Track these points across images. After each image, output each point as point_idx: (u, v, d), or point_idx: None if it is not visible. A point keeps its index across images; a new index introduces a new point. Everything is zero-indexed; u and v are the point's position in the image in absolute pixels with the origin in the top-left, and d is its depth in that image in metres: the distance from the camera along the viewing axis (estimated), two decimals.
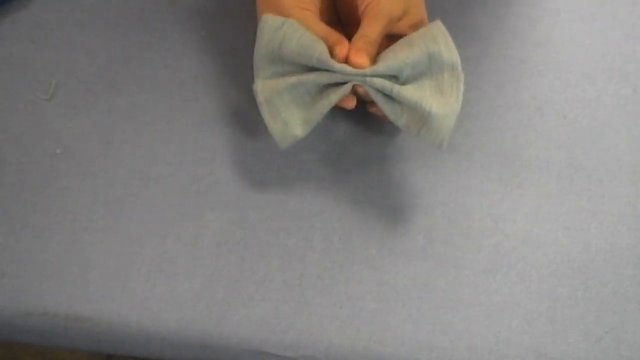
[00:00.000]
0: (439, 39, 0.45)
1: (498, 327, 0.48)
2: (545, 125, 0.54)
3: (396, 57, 0.45)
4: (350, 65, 0.45)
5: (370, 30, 0.46)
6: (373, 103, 0.46)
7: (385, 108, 0.46)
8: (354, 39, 0.46)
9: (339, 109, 0.51)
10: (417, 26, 0.48)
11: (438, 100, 0.45)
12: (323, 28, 0.47)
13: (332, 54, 0.46)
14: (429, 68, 0.46)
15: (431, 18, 0.49)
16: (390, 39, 0.49)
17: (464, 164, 0.53)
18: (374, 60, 0.46)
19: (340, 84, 0.46)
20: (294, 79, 0.46)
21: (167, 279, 0.49)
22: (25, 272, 0.49)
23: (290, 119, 0.47)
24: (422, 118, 0.45)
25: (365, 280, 0.49)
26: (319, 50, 0.45)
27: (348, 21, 0.52)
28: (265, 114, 0.48)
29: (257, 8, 0.50)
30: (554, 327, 0.48)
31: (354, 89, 0.46)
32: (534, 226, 0.51)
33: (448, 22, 0.46)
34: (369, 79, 0.45)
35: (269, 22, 0.46)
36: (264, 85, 0.47)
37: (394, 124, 0.46)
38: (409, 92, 0.44)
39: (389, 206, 0.51)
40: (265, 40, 0.47)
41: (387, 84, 0.45)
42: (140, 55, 0.56)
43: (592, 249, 0.51)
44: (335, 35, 0.46)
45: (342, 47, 0.45)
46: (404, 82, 0.46)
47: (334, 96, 0.46)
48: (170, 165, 0.52)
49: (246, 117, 0.54)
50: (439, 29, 0.46)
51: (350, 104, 0.47)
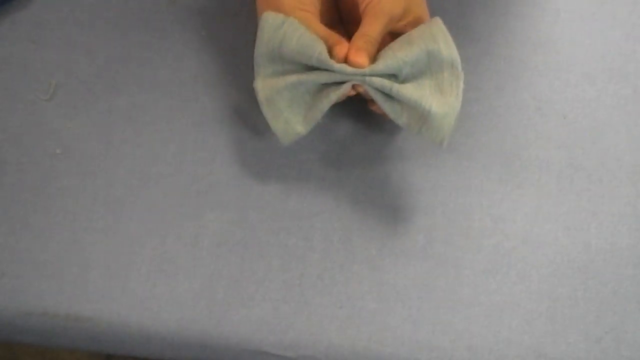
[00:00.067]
0: (438, 37, 0.45)
1: (498, 327, 0.48)
2: (545, 125, 0.54)
3: (395, 56, 0.45)
4: (350, 64, 0.45)
5: (371, 29, 0.46)
6: (374, 101, 0.46)
7: (385, 107, 0.46)
8: (354, 38, 0.46)
9: (339, 108, 0.51)
10: (418, 25, 0.48)
11: (438, 99, 0.45)
12: (322, 29, 0.47)
13: (332, 54, 0.46)
14: (429, 66, 0.46)
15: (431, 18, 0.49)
16: (392, 36, 0.49)
17: (464, 164, 0.53)
18: (374, 58, 0.46)
19: (340, 83, 0.46)
20: (294, 78, 0.46)
21: (167, 279, 0.49)
22: (25, 272, 0.49)
23: (291, 118, 0.48)
24: (422, 117, 0.45)
25: (365, 280, 0.49)
26: (319, 50, 0.45)
27: (349, 20, 0.52)
28: (267, 112, 0.48)
29: (257, 9, 0.50)
30: (554, 327, 0.48)
31: (354, 87, 0.46)
32: (534, 226, 0.51)
33: (448, 22, 0.46)
34: (368, 79, 0.45)
35: (269, 21, 0.46)
36: (264, 83, 0.48)
37: (395, 122, 0.46)
38: (408, 91, 0.44)
39: (389, 206, 0.51)
40: (266, 39, 0.47)
41: (387, 83, 0.44)
42: (140, 55, 0.56)
43: (592, 249, 0.51)
44: (334, 36, 0.47)
45: (342, 47, 0.45)
46: (404, 81, 0.46)
47: (334, 95, 0.46)
48: (170, 165, 0.52)
49: (246, 117, 0.54)
50: (438, 27, 0.46)
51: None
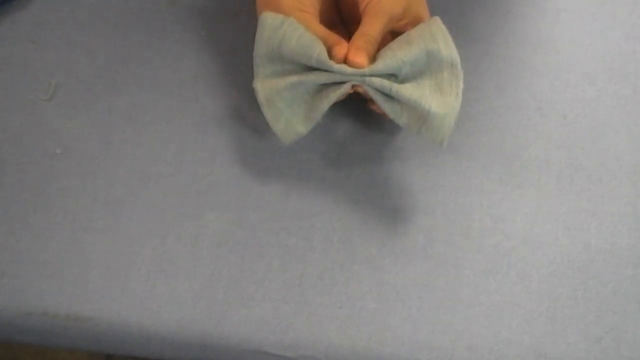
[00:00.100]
0: (437, 37, 0.45)
1: (498, 327, 0.48)
2: (545, 125, 0.54)
3: (395, 56, 0.45)
4: (349, 63, 0.45)
5: (371, 28, 0.46)
6: (374, 101, 0.46)
7: (385, 107, 0.46)
8: (354, 37, 0.46)
9: (339, 108, 0.51)
10: (418, 24, 0.48)
11: (437, 99, 0.45)
12: (322, 30, 0.47)
13: (331, 55, 0.46)
14: (428, 66, 0.46)
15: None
16: (392, 35, 0.49)
17: (464, 164, 0.53)
18: (374, 57, 0.46)
19: (340, 83, 0.46)
20: (294, 78, 0.46)
21: (167, 279, 0.49)
22: (25, 272, 0.49)
23: (292, 118, 0.48)
24: (422, 117, 0.45)
25: (365, 280, 0.49)
26: (318, 51, 0.45)
27: (350, 20, 0.52)
28: (267, 113, 0.48)
29: (257, 9, 0.50)
30: (554, 327, 0.48)
31: (353, 86, 0.46)
32: (534, 226, 0.51)
33: (448, 22, 0.46)
34: (368, 79, 0.45)
35: (268, 21, 0.46)
36: (264, 84, 0.48)
37: (395, 122, 0.46)
38: (408, 91, 0.44)
39: (389, 206, 0.51)
40: (265, 39, 0.47)
41: (386, 84, 0.44)
42: (140, 55, 0.56)
43: (592, 249, 0.51)
44: (333, 36, 0.46)
45: (341, 48, 0.45)
46: (403, 80, 0.46)
47: (334, 96, 0.46)
48: (170, 165, 0.52)
49: (246, 117, 0.54)
50: (437, 26, 0.46)
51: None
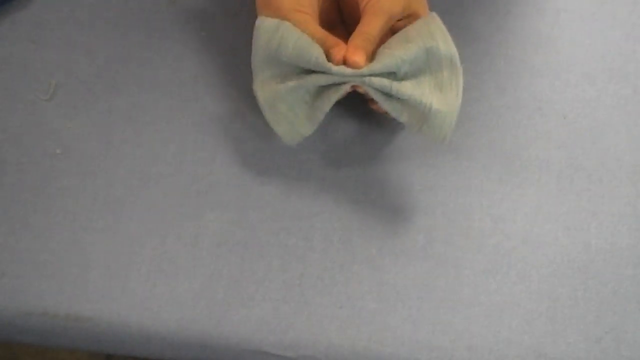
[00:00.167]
0: (436, 35, 0.45)
1: (498, 327, 0.48)
2: (545, 125, 0.54)
3: (393, 54, 0.45)
4: (347, 62, 0.45)
5: (370, 27, 0.46)
6: (374, 100, 0.46)
7: (386, 106, 0.46)
8: (353, 36, 0.46)
9: (339, 108, 0.51)
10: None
11: (438, 97, 0.45)
12: (320, 31, 0.47)
13: (329, 57, 0.45)
14: (428, 64, 0.46)
15: None
16: (393, 33, 0.49)
17: (464, 164, 0.53)
18: (372, 56, 0.46)
19: (340, 84, 0.46)
20: (294, 82, 0.46)
21: (167, 279, 0.49)
22: (25, 272, 0.49)
23: (294, 120, 0.48)
24: (423, 115, 0.45)
25: (365, 280, 0.49)
26: (316, 54, 0.45)
27: (350, 20, 0.52)
28: (269, 116, 0.48)
29: (257, 10, 0.50)
30: (554, 327, 0.48)
31: (354, 87, 0.46)
32: (534, 226, 0.51)
33: (448, 22, 0.46)
34: (367, 79, 0.45)
35: (264, 26, 0.47)
36: (264, 88, 0.48)
37: (395, 122, 0.46)
38: (408, 89, 0.44)
39: (389, 206, 0.51)
40: (263, 44, 0.47)
41: (386, 82, 0.44)
42: (140, 55, 0.56)
43: (592, 249, 0.51)
44: (331, 38, 0.46)
45: (339, 50, 0.45)
46: (403, 78, 0.46)
47: (334, 96, 0.46)
48: (170, 165, 0.52)
49: (246, 117, 0.54)
50: (435, 23, 0.46)
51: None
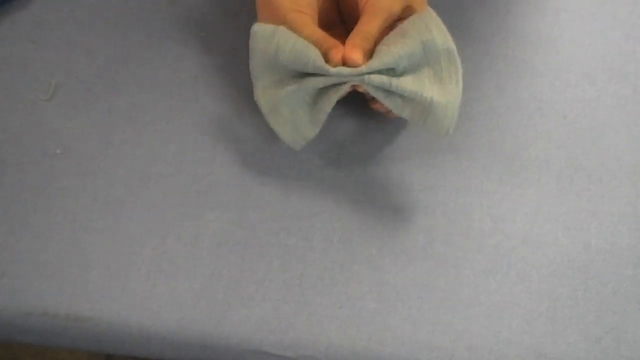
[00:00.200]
0: (431, 27, 0.45)
1: (498, 327, 0.48)
2: (545, 125, 0.54)
3: (390, 51, 0.45)
4: (345, 60, 0.45)
5: (369, 26, 0.46)
6: (375, 99, 0.46)
7: (387, 103, 0.46)
8: (351, 35, 0.46)
9: (339, 108, 0.51)
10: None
11: (438, 88, 0.45)
12: (318, 32, 0.47)
13: (327, 59, 0.45)
14: (425, 57, 0.46)
15: None
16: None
17: (464, 164, 0.53)
18: (371, 54, 0.46)
19: (339, 84, 0.46)
20: (293, 86, 0.46)
21: (167, 279, 0.49)
22: (25, 272, 0.49)
23: (298, 123, 0.48)
24: (425, 108, 0.45)
25: (365, 280, 0.49)
26: (313, 57, 0.45)
27: (350, 20, 0.52)
28: (272, 122, 0.48)
29: (257, 10, 0.50)
30: (554, 327, 0.48)
31: (354, 86, 0.46)
32: (534, 226, 0.51)
33: (448, 22, 0.46)
34: (366, 77, 0.45)
35: (260, 33, 0.47)
36: (264, 94, 0.48)
37: (395, 122, 0.46)
38: (408, 84, 0.44)
39: (389, 206, 0.51)
40: (260, 51, 0.47)
41: (385, 79, 0.44)
42: (140, 55, 0.56)
43: (592, 249, 0.51)
44: (329, 39, 0.46)
45: (337, 51, 0.45)
46: (402, 74, 0.46)
47: (335, 96, 0.46)
48: (170, 165, 0.52)
49: (246, 117, 0.54)
50: (430, 16, 0.46)
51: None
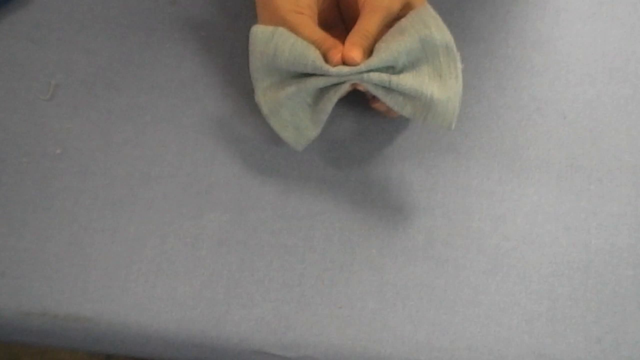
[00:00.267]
0: (429, 23, 0.45)
1: (498, 327, 0.48)
2: (545, 125, 0.54)
3: (389, 48, 0.45)
4: (344, 58, 0.45)
5: (368, 24, 0.46)
6: (375, 98, 0.46)
7: (387, 100, 0.46)
8: (350, 33, 0.46)
9: (339, 108, 0.51)
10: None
11: (438, 84, 0.45)
12: (318, 32, 0.47)
13: (327, 59, 0.46)
14: (424, 53, 0.46)
15: None
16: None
17: (464, 164, 0.53)
18: (370, 52, 0.46)
19: (339, 83, 0.46)
20: (293, 88, 0.46)
21: (167, 279, 0.49)
22: (25, 272, 0.49)
23: (300, 124, 0.48)
24: (426, 105, 0.45)
25: (365, 280, 0.49)
26: (312, 58, 0.45)
27: (349, 19, 0.52)
28: (274, 124, 0.49)
29: (257, 10, 0.50)
30: (554, 327, 0.48)
31: (354, 85, 0.46)
32: (534, 226, 0.51)
33: (448, 22, 0.46)
34: (366, 76, 0.45)
35: (258, 35, 0.47)
36: (265, 97, 0.48)
37: (396, 121, 0.46)
38: (407, 81, 0.45)
39: (389, 206, 0.51)
40: (259, 53, 0.47)
41: (385, 77, 0.44)
42: (140, 56, 0.56)
43: (592, 249, 0.51)
44: (329, 40, 0.46)
45: (336, 52, 0.45)
46: (401, 71, 0.46)
47: (335, 96, 0.46)
48: (170, 165, 0.52)
49: (246, 117, 0.54)
50: (427, 12, 0.46)
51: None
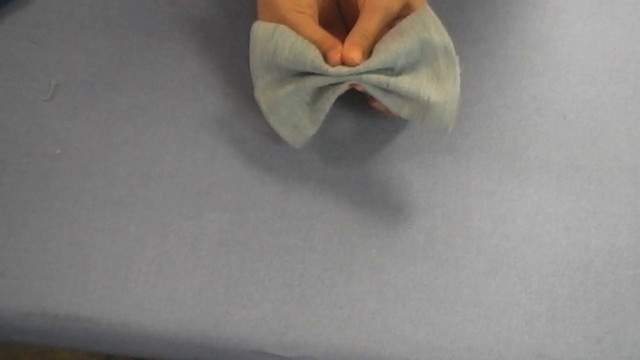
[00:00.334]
0: (428, 25, 0.45)
1: (498, 327, 0.48)
2: (545, 125, 0.54)
3: (388, 49, 0.45)
4: (344, 59, 0.45)
5: (368, 24, 0.46)
6: (374, 98, 0.46)
7: (385, 101, 0.46)
8: (350, 33, 0.46)
9: (339, 108, 0.51)
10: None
11: (436, 87, 0.45)
12: (318, 32, 0.47)
13: (326, 59, 0.46)
14: (423, 55, 0.46)
15: None
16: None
17: (463, 164, 0.53)
18: (370, 52, 0.46)
19: (338, 83, 0.46)
20: (292, 86, 0.46)
21: (167, 279, 0.49)
22: (25, 272, 0.49)
23: (298, 122, 0.48)
24: (423, 107, 0.45)
25: (365, 280, 0.49)
26: (312, 57, 0.45)
27: (350, 18, 0.52)
28: (272, 122, 0.49)
29: (257, 10, 0.50)
30: (554, 327, 0.48)
31: (352, 85, 0.46)
32: (534, 226, 0.51)
33: (448, 22, 0.46)
34: (364, 77, 0.45)
35: (259, 32, 0.47)
36: (264, 94, 0.48)
37: (395, 121, 0.46)
38: (405, 83, 0.45)
39: (389, 206, 0.51)
40: (259, 50, 0.47)
41: (383, 79, 0.45)
42: (140, 56, 0.56)
43: (592, 249, 0.51)
44: (329, 39, 0.46)
45: (336, 52, 0.46)
46: (400, 72, 0.46)
47: (333, 96, 0.46)
48: (170, 165, 0.52)
49: (246, 117, 0.54)
50: (427, 14, 0.46)
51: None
